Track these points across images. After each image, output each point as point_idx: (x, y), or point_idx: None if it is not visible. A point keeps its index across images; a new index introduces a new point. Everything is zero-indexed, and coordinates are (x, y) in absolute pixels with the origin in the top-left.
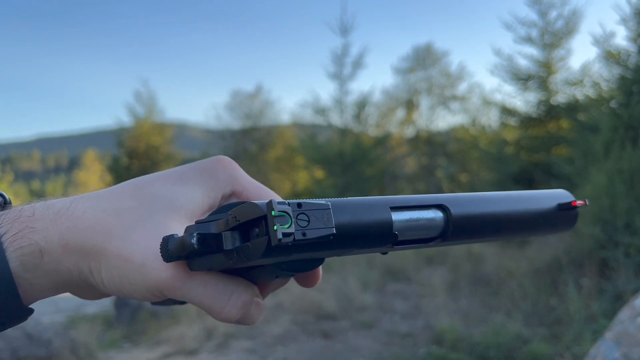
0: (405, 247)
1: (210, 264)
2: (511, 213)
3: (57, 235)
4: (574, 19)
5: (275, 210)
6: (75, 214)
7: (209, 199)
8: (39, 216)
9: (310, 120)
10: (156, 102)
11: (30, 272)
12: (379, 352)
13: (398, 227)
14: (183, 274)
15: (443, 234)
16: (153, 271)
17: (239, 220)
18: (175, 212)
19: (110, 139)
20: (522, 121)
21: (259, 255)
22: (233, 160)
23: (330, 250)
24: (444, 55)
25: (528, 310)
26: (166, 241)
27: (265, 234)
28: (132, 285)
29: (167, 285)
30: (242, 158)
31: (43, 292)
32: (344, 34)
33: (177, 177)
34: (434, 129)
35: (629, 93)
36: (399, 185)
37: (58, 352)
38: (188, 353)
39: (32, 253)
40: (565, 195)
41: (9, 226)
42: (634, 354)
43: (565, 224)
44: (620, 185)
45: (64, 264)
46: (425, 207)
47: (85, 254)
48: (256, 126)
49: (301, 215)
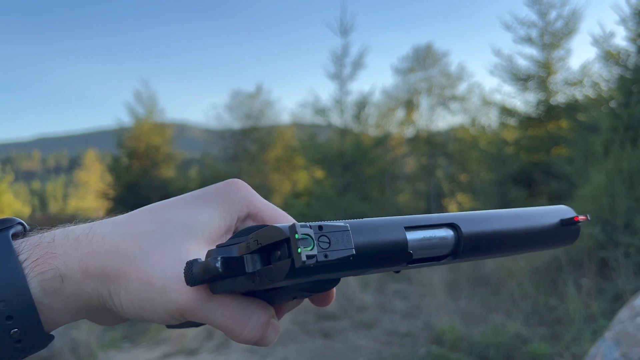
0: (419, 266)
1: (232, 287)
2: (517, 230)
3: (77, 260)
4: (573, 19)
5: (299, 233)
6: (95, 239)
7: (225, 222)
8: (59, 242)
9: (310, 120)
10: (156, 102)
11: (51, 298)
12: (379, 352)
13: (412, 246)
14: (204, 297)
15: (454, 252)
16: (174, 294)
17: (260, 243)
18: (192, 236)
19: (111, 139)
20: (522, 121)
21: (282, 278)
22: (244, 181)
23: (349, 270)
24: (444, 55)
25: (528, 310)
26: (190, 265)
27: (289, 256)
28: (152, 308)
29: (189, 308)
30: (242, 158)
31: (63, 317)
32: (344, 34)
33: (193, 201)
34: (433, 129)
35: (629, 93)
36: (399, 185)
37: (58, 351)
38: (188, 353)
39: (52, 278)
40: (567, 211)
41: (29, 252)
42: (634, 353)
43: (568, 239)
44: (620, 185)
45: (84, 288)
46: (437, 226)
47: (105, 278)
48: (256, 126)
49: (322, 237)
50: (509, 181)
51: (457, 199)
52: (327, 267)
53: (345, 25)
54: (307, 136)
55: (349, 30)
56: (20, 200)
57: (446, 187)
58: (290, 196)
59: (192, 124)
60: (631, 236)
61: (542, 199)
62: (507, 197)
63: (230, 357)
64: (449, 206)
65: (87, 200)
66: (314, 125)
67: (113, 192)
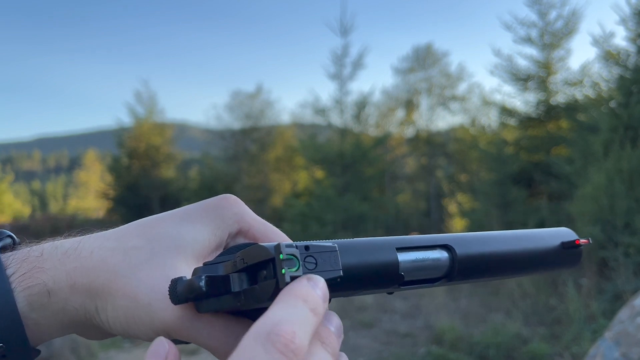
0: (411, 288)
1: (217, 306)
2: (515, 252)
3: (64, 275)
4: (573, 19)
5: (284, 253)
6: (83, 254)
7: (216, 238)
8: (47, 256)
9: (310, 120)
10: (156, 102)
11: (37, 312)
12: (379, 352)
13: (404, 268)
14: (190, 316)
15: (449, 274)
16: (159, 312)
17: (246, 262)
18: (181, 252)
19: (111, 139)
20: (522, 121)
21: (266, 298)
22: (238, 198)
23: (337, 292)
24: (444, 55)
25: (527, 310)
26: (174, 284)
27: (273, 276)
28: (138, 325)
29: (174, 327)
30: (242, 158)
31: (49, 332)
32: (344, 34)
33: (184, 216)
34: (433, 129)
35: (629, 93)
36: (399, 185)
37: (59, 351)
38: (188, 353)
39: (39, 293)
40: (569, 234)
41: (17, 266)
42: (633, 353)
43: (569, 262)
44: (620, 186)
45: (71, 303)
46: (431, 248)
47: (93, 293)
48: (256, 126)
49: (309, 258)
50: (509, 181)
51: (457, 199)
52: None
53: (345, 25)
54: (307, 136)
55: (349, 30)
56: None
57: (446, 187)
58: (290, 196)
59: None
60: (631, 236)
61: (542, 199)
62: (507, 197)
63: None
64: (448, 206)
65: (87, 200)
66: (314, 125)
67: (113, 192)
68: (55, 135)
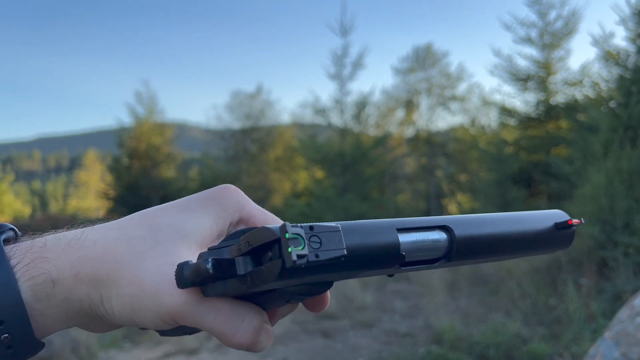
0: (412, 269)
1: (224, 289)
2: (511, 234)
3: (68, 264)
4: (573, 20)
5: (290, 232)
6: (87, 244)
7: (217, 227)
8: (51, 246)
9: (310, 120)
10: (156, 102)
11: (42, 303)
12: (379, 352)
13: (405, 249)
14: (196, 300)
15: (447, 255)
16: (166, 297)
17: (251, 244)
18: (185, 240)
19: (111, 139)
20: (522, 121)
21: (273, 278)
22: (237, 187)
23: (341, 271)
24: (444, 55)
25: (527, 309)
26: (181, 267)
27: (279, 256)
28: (144, 313)
29: (180, 312)
30: (242, 158)
31: (54, 324)
32: (344, 34)
33: (185, 206)
34: (433, 129)
35: (628, 93)
36: (398, 185)
37: (59, 351)
38: (188, 353)
39: (43, 282)
40: (561, 215)
41: (21, 257)
42: (633, 353)
43: (562, 243)
44: (619, 185)
45: (75, 293)
46: (430, 229)
47: (97, 282)
48: (256, 126)
49: (313, 237)
50: (509, 181)
51: (457, 199)
52: (319, 268)
53: (345, 26)
54: (307, 136)
55: (349, 31)
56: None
57: (446, 187)
58: (290, 196)
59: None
60: (630, 236)
61: (542, 199)
62: (506, 197)
63: (230, 357)
64: (448, 206)
65: (87, 200)
66: (314, 125)
67: (113, 192)
68: (55, 135)
